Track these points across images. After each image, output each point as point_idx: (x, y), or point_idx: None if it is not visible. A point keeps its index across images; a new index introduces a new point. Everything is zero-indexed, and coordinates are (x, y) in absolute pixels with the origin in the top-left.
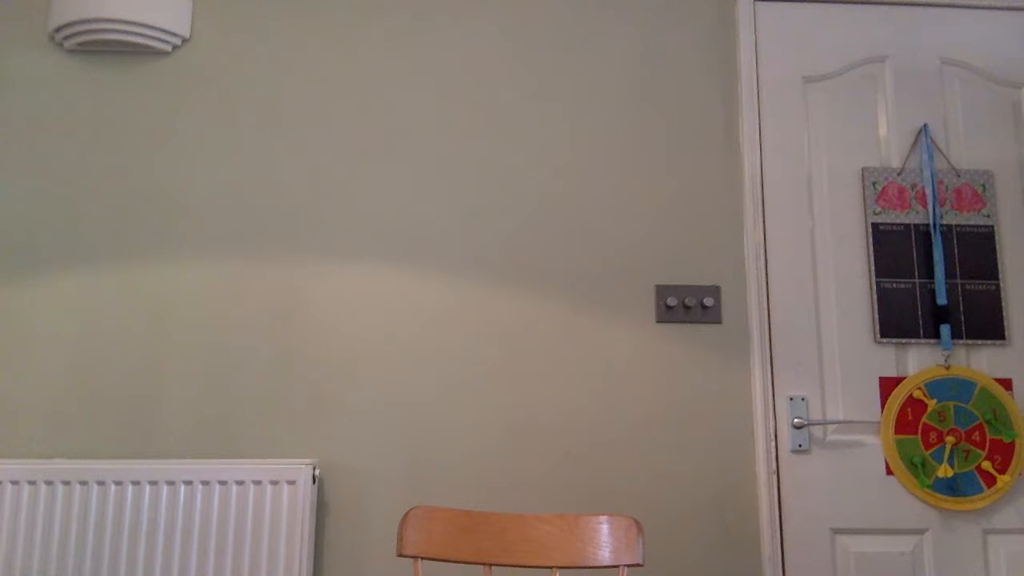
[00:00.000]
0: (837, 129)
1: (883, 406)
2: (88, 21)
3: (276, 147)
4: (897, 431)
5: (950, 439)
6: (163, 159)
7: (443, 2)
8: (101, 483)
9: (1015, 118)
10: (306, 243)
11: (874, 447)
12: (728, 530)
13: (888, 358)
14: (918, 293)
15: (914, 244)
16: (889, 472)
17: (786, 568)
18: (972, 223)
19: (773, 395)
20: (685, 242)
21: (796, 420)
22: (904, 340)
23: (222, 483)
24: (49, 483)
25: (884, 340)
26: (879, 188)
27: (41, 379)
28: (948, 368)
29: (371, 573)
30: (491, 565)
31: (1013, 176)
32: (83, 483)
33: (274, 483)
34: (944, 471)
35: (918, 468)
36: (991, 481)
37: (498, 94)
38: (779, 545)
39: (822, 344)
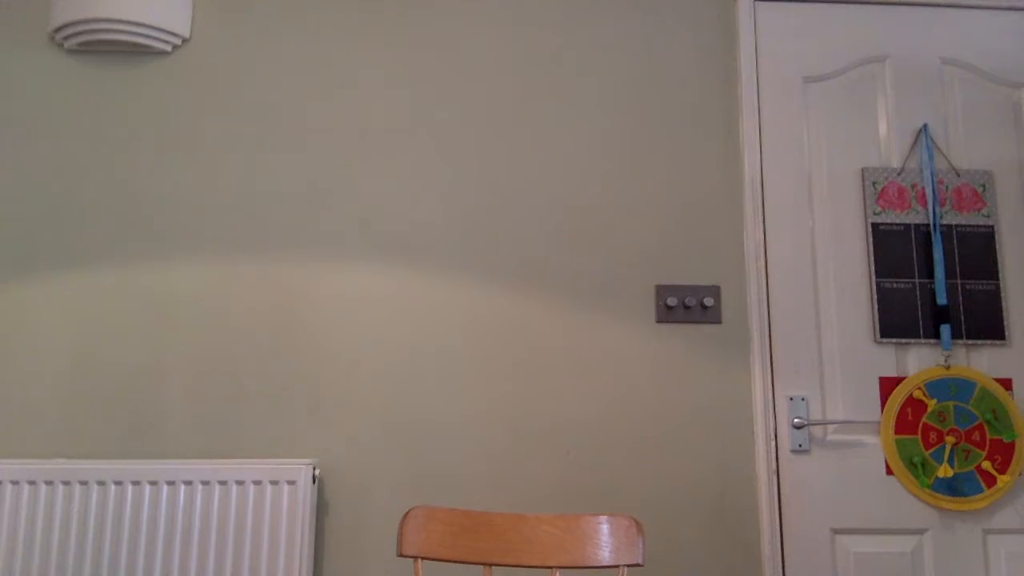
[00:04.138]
0: (837, 129)
1: (883, 406)
2: (88, 21)
3: (275, 147)
4: (897, 431)
5: (950, 439)
6: (163, 159)
7: (444, 3)
8: (101, 483)
9: (1015, 118)
10: (305, 243)
11: (874, 447)
12: (728, 530)
13: (888, 358)
14: (918, 293)
15: (914, 244)
16: (889, 472)
17: (786, 568)
18: (972, 223)
19: (773, 395)
20: (685, 242)
21: (796, 420)
22: (904, 340)
23: (222, 483)
24: (49, 483)
25: (884, 340)
26: (879, 188)
27: (41, 379)
28: (948, 368)
29: (371, 573)
30: (491, 565)
31: (1013, 176)
32: (83, 483)
33: (274, 483)
34: (944, 471)
35: (918, 468)
36: (991, 481)
37: (498, 94)
38: (779, 545)
39: (822, 344)
